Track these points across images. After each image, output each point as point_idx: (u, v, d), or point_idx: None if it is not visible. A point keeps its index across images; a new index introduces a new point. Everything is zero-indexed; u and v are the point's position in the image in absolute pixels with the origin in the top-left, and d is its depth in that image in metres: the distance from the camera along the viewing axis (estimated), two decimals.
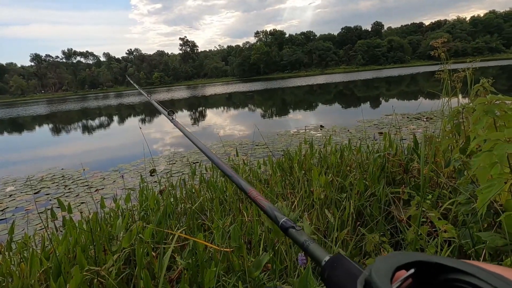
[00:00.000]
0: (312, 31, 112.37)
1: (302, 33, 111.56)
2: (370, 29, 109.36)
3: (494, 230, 1.12)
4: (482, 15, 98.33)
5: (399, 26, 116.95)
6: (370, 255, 1.42)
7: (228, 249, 1.31)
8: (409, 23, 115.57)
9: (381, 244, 1.42)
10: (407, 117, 7.47)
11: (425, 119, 7.00)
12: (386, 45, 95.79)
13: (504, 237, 1.02)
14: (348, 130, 6.72)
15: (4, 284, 1.48)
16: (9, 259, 1.82)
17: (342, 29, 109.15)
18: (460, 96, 2.44)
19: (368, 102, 13.98)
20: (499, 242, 1.02)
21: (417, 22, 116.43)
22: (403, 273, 0.20)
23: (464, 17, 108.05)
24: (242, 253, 1.46)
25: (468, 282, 0.18)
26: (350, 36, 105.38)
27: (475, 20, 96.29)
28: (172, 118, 1.09)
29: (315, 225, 1.78)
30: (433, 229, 1.33)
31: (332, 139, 3.11)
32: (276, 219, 0.46)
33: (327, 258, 0.33)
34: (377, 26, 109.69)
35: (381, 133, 5.54)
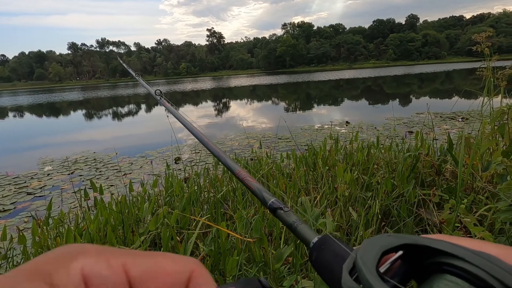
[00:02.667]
0: (341, 24, 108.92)
1: (331, 26, 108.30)
2: (404, 22, 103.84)
3: None
4: None
5: (437, 19, 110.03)
6: None
7: (251, 239, 1.32)
8: (448, 16, 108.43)
9: None
10: (440, 116, 7.07)
11: (460, 119, 6.59)
12: (421, 40, 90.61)
13: None
14: (376, 128, 6.48)
15: None
16: (46, 233, 1.96)
17: (373, 22, 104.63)
18: (502, 95, 2.26)
19: (398, 99, 13.38)
20: None
21: (457, 15, 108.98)
22: (391, 256, 0.19)
23: (511, 10, 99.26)
24: (264, 244, 1.47)
25: (458, 267, 0.17)
26: (382, 30, 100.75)
27: None
28: (160, 98, 1.07)
29: (338, 223, 1.75)
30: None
31: (359, 135, 3.02)
32: (264, 200, 0.44)
33: (315, 239, 0.31)
34: (412, 19, 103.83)
35: (411, 132, 5.30)
